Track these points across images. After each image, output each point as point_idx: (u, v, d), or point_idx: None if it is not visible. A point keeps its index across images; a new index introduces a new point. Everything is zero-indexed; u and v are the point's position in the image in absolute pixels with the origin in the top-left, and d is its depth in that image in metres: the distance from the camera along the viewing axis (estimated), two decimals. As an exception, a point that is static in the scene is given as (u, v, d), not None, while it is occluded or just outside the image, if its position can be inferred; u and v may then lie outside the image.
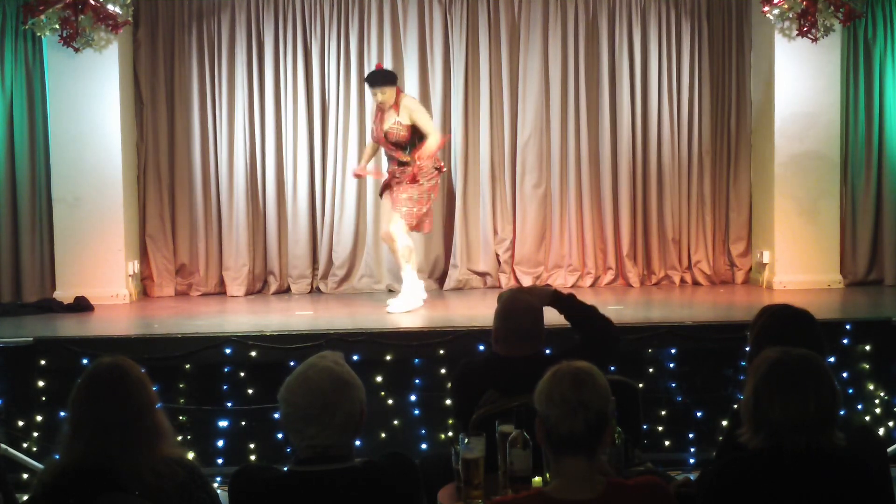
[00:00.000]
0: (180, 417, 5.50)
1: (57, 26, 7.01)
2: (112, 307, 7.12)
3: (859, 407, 5.78)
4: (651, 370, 5.80)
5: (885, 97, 7.85)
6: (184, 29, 7.83)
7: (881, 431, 5.70)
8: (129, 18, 7.30)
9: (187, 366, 5.64)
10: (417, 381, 5.68)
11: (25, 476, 5.31)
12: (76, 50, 7.08)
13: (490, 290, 7.81)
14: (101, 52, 7.21)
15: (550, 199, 8.00)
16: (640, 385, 5.16)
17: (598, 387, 2.44)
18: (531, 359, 3.46)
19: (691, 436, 5.74)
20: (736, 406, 3.00)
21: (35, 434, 5.54)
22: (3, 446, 5.28)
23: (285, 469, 2.59)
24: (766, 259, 7.76)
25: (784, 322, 3.18)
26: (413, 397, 5.65)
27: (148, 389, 2.65)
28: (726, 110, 8.10)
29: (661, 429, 5.74)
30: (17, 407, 5.58)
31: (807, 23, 7.33)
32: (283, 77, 7.87)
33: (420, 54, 7.94)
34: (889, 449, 4.48)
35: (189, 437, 5.54)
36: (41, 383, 5.57)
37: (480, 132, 7.97)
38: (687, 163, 8.06)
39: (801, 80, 7.59)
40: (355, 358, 5.42)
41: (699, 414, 5.74)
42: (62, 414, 4.72)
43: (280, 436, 5.39)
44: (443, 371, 5.64)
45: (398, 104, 6.58)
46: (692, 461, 5.68)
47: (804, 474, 2.47)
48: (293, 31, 7.86)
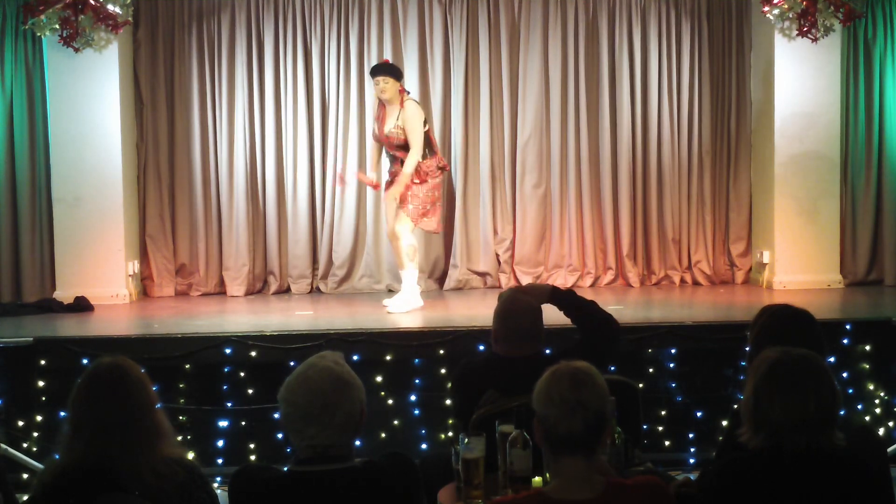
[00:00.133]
0: (180, 417, 5.50)
1: (57, 26, 7.00)
2: (112, 307, 7.12)
3: (859, 407, 5.78)
4: (651, 370, 5.80)
5: (885, 97, 7.85)
6: (184, 29, 7.83)
7: (881, 431, 5.70)
8: (129, 18, 7.30)
9: (187, 366, 5.64)
10: (417, 381, 5.68)
11: (25, 476, 5.31)
12: (76, 50, 7.08)
13: (490, 290, 7.81)
14: (101, 52, 7.21)
15: (550, 199, 8.00)
16: (640, 385, 5.16)
17: (597, 387, 2.45)
18: (531, 359, 3.46)
19: (691, 436, 5.74)
20: (736, 406, 3.01)
21: (35, 434, 5.54)
22: (3, 446, 5.28)
23: (285, 469, 2.59)
24: (766, 259, 7.75)
25: (784, 322, 3.19)
26: (413, 397, 5.65)
27: (148, 389, 2.65)
28: (726, 110, 8.10)
29: (661, 429, 5.74)
30: (17, 407, 5.59)
31: (807, 23, 7.32)
32: (283, 77, 7.87)
33: (420, 54, 7.94)
34: (889, 449, 4.48)
35: (189, 437, 5.54)
36: (41, 383, 5.58)
37: (480, 132, 7.97)
38: (687, 163, 8.06)
39: (801, 80, 7.58)
40: (355, 358, 5.42)
41: (699, 414, 5.74)
42: (62, 414, 4.71)
43: (280, 436, 5.39)
44: (443, 371, 5.64)
45: (402, 103, 6.59)
46: (692, 461, 5.68)
47: (804, 474, 2.47)
48: (293, 31, 7.86)
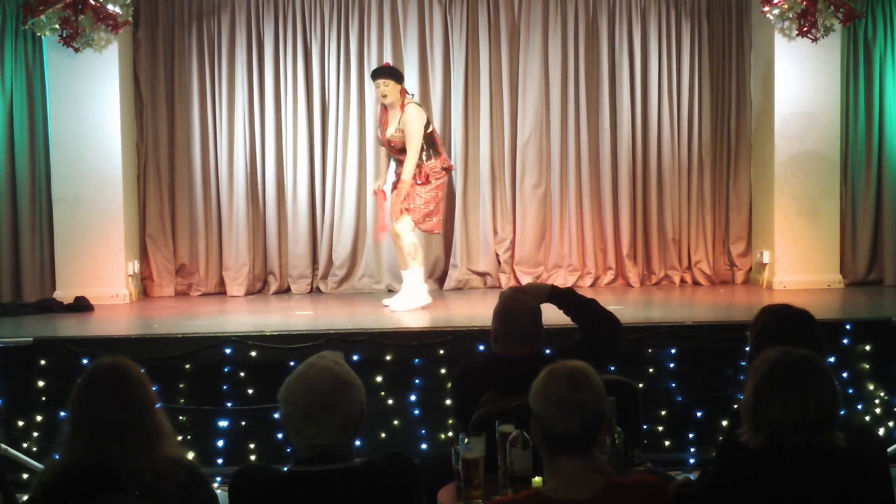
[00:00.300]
0: (180, 417, 5.50)
1: (57, 26, 7.00)
2: (112, 307, 7.12)
3: (859, 407, 5.78)
4: (651, 370, 5.80)
5: (885, 97, 7.85)
6: (184, 29, 7.82)
7: (881, 431, 5.70)
8: (129, 18, 7.30)
9: (187, 366, 5.64)
10: (417, 381, 5.68)
11: (25, 476, 5.31)
12: (76, 50, 7.08)
13: (490, 290, 7.81)
14: (101, 52, 7.21)
15: (550, 199, 8.00)
16: (640, 385, 5.16)
17: (594, 386, 2.44)
18: (531, 359, 3.45)
19: (691, 436, 5.74)
20: (736, 406, 3.00)
21: (35, 434, 5.54)
22: (3, 446, 5.28)
23: (285, 469, 2.59)
24: (766, 259, 7.75)
25: (784, 322, 3.19)
26: (413, 397, 5.65)
27: (148, 389, 2.65)
28: (726, 110, 8.10)
29: (661, 429, 5.74)
30: (17, 407, 5.58)
31: (807, 23, 7.32)
32: (283, 77, 7.87)
33: (420, 54, 7.94)
34: (889, 449, 4.48)
35: (189, 437, 5.54)
36: (41, 383, 5.57)
37: (480, 132, 7.97)
38: (687, 163, 8.06)
39: (801, 80, 7.58)
40: (355, 358, 5.42)
41: (699, 414, 5.74)
42: (62, 414, 4.71)
43: (280, 436, 5.39)
44: (443, 371, 5.64)
45: (403, 107, 6.59)
46: (692, 461, 5.68)
47: (804, 474, 2.47)
48: (293, 31, 7.86)
